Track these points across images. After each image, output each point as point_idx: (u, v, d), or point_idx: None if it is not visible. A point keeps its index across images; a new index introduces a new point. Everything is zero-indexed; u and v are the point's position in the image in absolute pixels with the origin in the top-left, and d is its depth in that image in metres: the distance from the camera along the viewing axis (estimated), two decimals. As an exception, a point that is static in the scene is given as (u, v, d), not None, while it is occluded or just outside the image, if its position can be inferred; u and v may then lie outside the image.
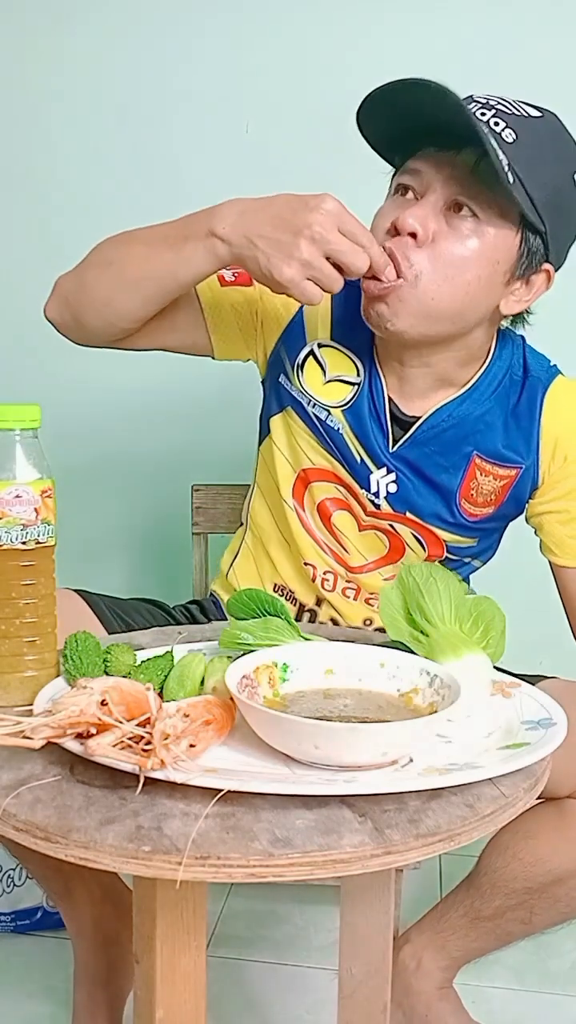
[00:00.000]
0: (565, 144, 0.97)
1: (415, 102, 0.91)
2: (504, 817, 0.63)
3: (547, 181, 0.94)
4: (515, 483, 1.09)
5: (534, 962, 1.38)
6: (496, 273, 0.97)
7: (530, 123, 0.94)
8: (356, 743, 0.63)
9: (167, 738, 0.62)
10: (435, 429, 1.07)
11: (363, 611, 1.15)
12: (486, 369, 1.08)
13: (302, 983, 1.34)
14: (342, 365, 1.09)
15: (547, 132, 0.95)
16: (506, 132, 0.92)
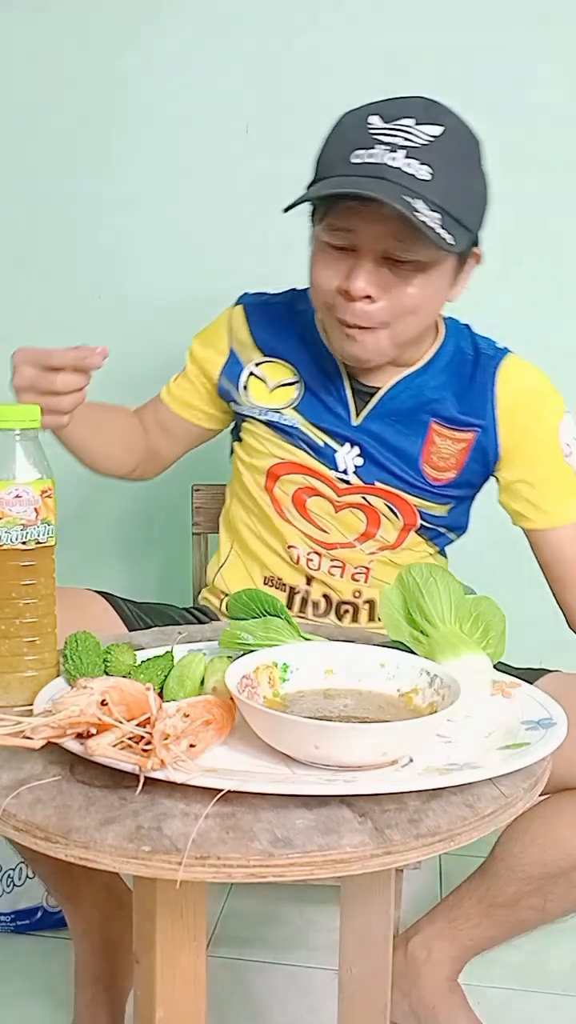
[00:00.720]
0: (468, 146, 1.02)
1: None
2: (504, 817, 0.63)
3: (466, 194, 1.00)
4: (473, 446, 1.15)
5: (534, 962, 1.38)
6: (444, 286, 1.06)
7: (438, 146, 0.97)
8: (356, 743, 0.63)
9: (167, 738, 0.62)
10: (394, 400, 1.15)
11: (351, 585, 1.19)
12: (439, 349, 1.16)
13: (302, 983, 1.34)
14: (280, 373, 1.19)
15: (454, 147, 0.99)
16: (423, 170, 0.95)
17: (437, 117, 0.98)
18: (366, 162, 0.95)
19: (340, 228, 1.00)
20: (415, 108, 0.98)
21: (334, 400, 1.16)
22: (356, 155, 0.96)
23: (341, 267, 1.01)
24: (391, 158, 0.95)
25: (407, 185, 0.94)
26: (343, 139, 0.99)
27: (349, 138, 0.98)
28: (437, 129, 0.97)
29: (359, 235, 0.99)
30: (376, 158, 0.95)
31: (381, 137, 0.96)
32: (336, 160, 0.99)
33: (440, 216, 0.95)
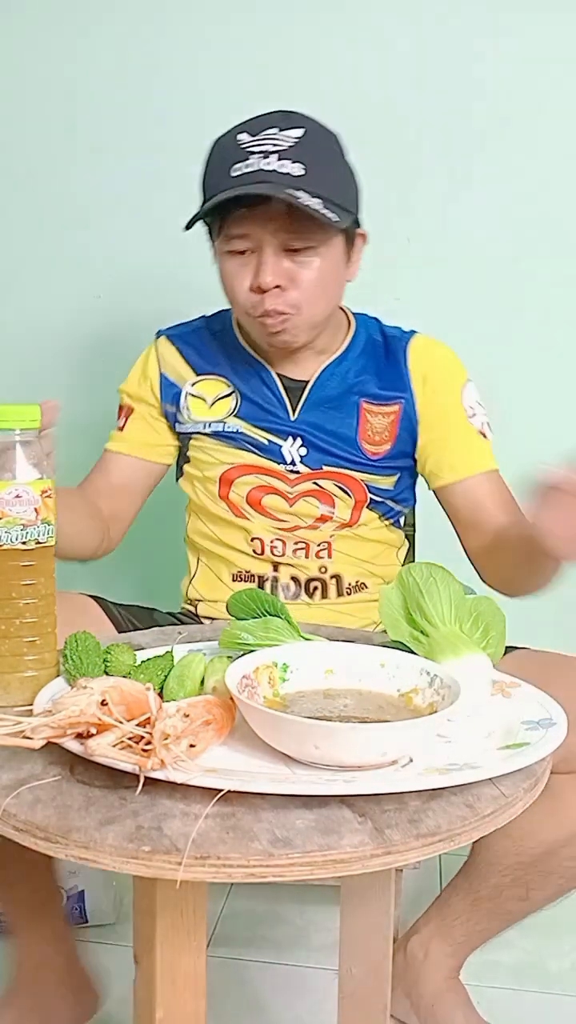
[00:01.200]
0: (329, 141, 1.13)
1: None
2: (504, 817, 0.63)
3: (338, 181, 1.12)
4: (400, 416, 1.24)
5: (534, 962, 1.38)
6: (340, 265, 1.16)
7: (303, 145, 1.08)
8: (356, 743, 0.63)
9: (167, 738, 0.62)
10: (323, 389, 1.24)
11: (317, 562, 1.26)
12: (352, 337, 1.26)
13: (302, 983, 1.34)
14: (215, 387, 1.27)
15: (317, 143, 1.10)
16: (295, 167, 1.06)
17: (296, 122, 1.09)
18: (245, 172, 1.06)
19: (237, 235, 1.10)
20: (275, 119, 1.09)
21: (269, 401, 1.24)
22: (235, 168, 1.07)
23: (248, 270, 1.11)
24: (266, 163, 1.06)
25: (286, 183, 1.05)
26: (220, 159, 1.10)
27: (225, 157, 1.09)
28: (299, 131, 1.08)
29: (255, 235, 1.09)
30: (253, 166, 1.06)
31: (252, 148, 1.07)
32: (218, 178, 1.09)
33: (321, 201, 1.06)
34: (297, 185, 1.05)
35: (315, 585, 1.26)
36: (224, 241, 1.12)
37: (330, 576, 1.26)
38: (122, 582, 1.76)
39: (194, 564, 1.34)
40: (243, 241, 1.11)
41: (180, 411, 1.28)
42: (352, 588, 1.26)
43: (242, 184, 1.06)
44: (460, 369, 1.27)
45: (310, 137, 1.09)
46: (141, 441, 1.30)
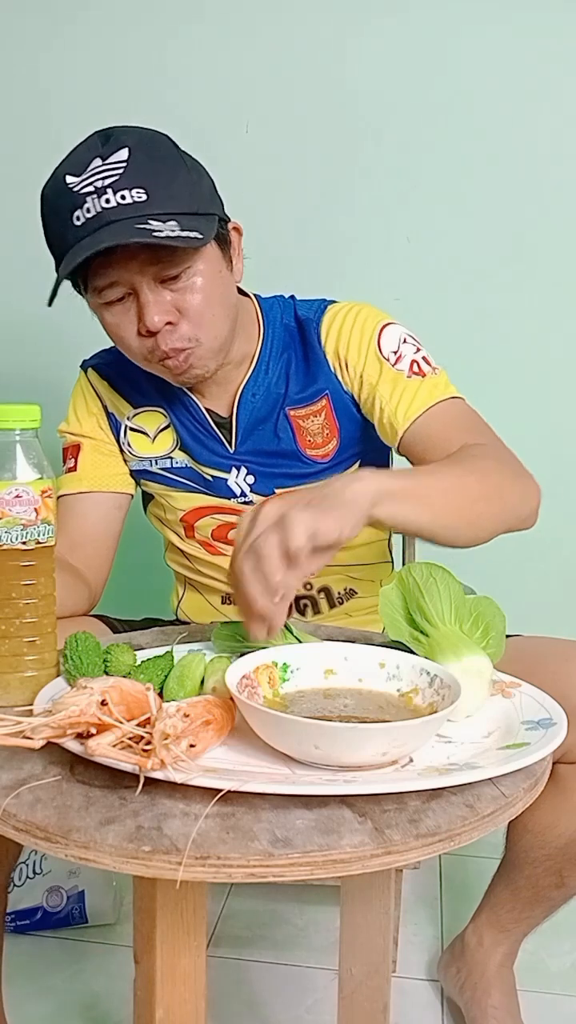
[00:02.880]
0: (158, 147, 1.03)
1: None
2: (504, 817, 0.63)
3: (184, 188, 1.01)
4: (333, 407, 1.17)
5: (534, 962, 1.38)
6: (224, 272, 1.07)
7: (133, 167, 0.98)
8: (356, 743, 0.63)
9: (167, 738, 0.62)
10: (250, 412, 1.17)
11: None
12: (263, 338, 1.18)
13: (302, 983, 1.34)
14: (153, 420, 1.21)
15: (145, 158, 0.99)
16: (136, 193, 0.97)
17: (117, 142, 0.99)
18: (87, 218, 0.98)
19: (105, 285, 1.02)
20: (94, 147, 1.00)
21: (205, 436, 1.19)
22: (76, 216, 0.98)
23: (131, 316, 1.04)
24: (105, 201, 0.97)
25: (132, 215, 0.97)
26: (56, 209, 1.01)
27: (61, 205, 1.00)
28: (123, 153, 0.99)
29: (123, 280, 1.01)
30: (92, 209, 0.97)
31: (84, 189, 0.98)
32: (62, 230, 1.00)
33: (175, 222, 0.98)
34: (143, 213, 0.97)
35: (305, 603, 1.24)
36: (94, 294, 1.04)
37: (318, 591, 1.24)
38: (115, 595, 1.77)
39: (181, 588, 1.33)
40: (114, 289, 1.02)
41: (123, 447, 1.22)
42: (343, 596, 1.25)
43: (88, 232, 0.97)
44: (370, 321, 1.16)
45: (137, 154, 0.99)
46: (100, 474, 1.21)
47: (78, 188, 0.98)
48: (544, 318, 1.75)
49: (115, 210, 0.97)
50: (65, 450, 1.24)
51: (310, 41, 1.70)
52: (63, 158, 1.02)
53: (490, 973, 1.20)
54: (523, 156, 1.70)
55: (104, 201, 0.97)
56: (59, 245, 1.02)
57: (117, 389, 1.22)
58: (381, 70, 1.70)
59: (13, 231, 1.84)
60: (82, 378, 1.26)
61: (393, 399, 1.12)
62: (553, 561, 1.80)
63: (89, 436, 1.22)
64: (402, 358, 1.14)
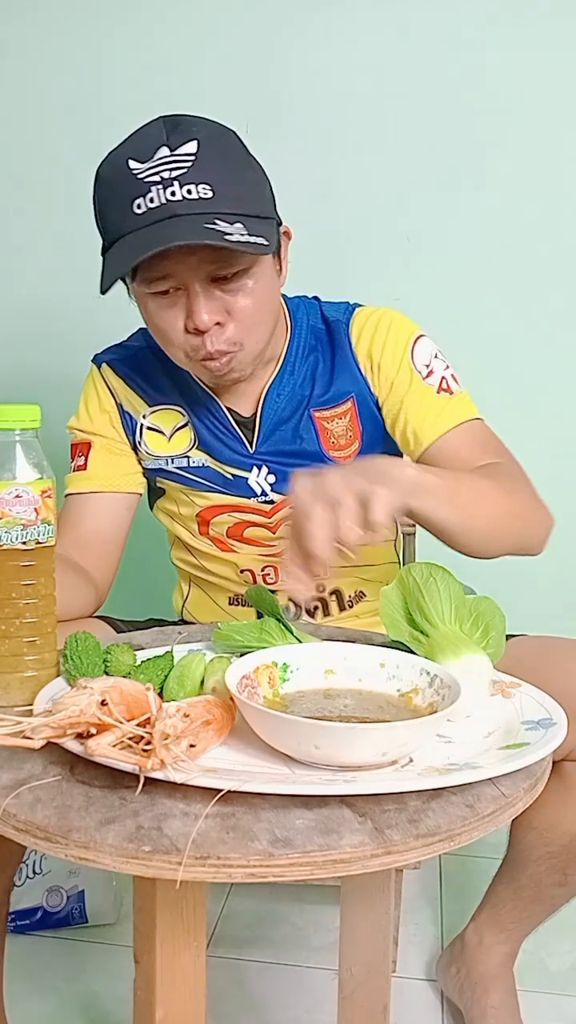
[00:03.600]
0: (226, 142, 1.00)
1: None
2: (504, 817, 0.63)
3: (250, 189, 1.00)
4: (358, 411, 1.17)
5: (534, 962, 1.38)
6: (272, 279, 1.06)
7: (201, 161, 0.95)
8: (356, 743, 0.63)
9: (167, 738, 0.62)
10: (274, 413, 1.16)
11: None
12: (290, 339, 1.17)
13: (302, 983, 1.34)
14: (171, 418, 1.19)
15: (215, 153, 0.97)
16: (202, 189, 0.95)
17: (185, 133, 0.96)
18: (150, 208, 0.95)
19: (157, 278, 0.99)
20: (161, 135, 0.97)
21: (225, 435, 1.17)
22: (137, 204, 0.95)
23: (178, 310, 1.02)
24: (171, 194, 0.94)
25: (199, 211, 0.94)
26: (115, 194, 0.98)
27: (123, 191, 0.97)
28: (192, 145, 0.96)
29: (179, 275, 0.99)
30: (157, 200, 0.94)
31: (149, 178, 0.95)
32: (120, 217, 0.97)
33: (241, 224, 0.96)
34: (210, 211, 0.94)
35: (315, 604, 1.22)
36: (144, 285, 1.01)
37: (329, 593, 1.22)
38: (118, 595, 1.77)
39: (186, 587, 1.31)
40: (165, 281, 1.00)
41: (138, 445, 1.20)
42: (352, 600, 1.24)
43: (148, 222, 0.95)
44: (404, 330, 1.17)
45: (206, 149, 0.96)
46: (110, 474, 1.19)
47: (143, 175, 0.95)
48: (544, 318, 1.75)
49: (181, 204, 0.94)
50: (74, 446, 1.21)
51: (310, 41, 1.70)
52: (124, 140, 1.00)
53: (490, 973, 1.20)
54: (523, 156, 1.70)
55: (170, 193, 0.94)
56: (114, 231, 0.99)
57: (133, 386, 1.20)
58: (381, 70, 1.70)
59: (9, 231, 1.84)
60: (95, 373, 1.23)
61: (420, 413, 1.13)
62: (553, 561, 1.79)
63: (100, 434, 1.20)
64: (433, 373, 1.15)
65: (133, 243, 0.95)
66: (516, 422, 1.78)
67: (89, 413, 1.21)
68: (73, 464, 1.20)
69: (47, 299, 1.84)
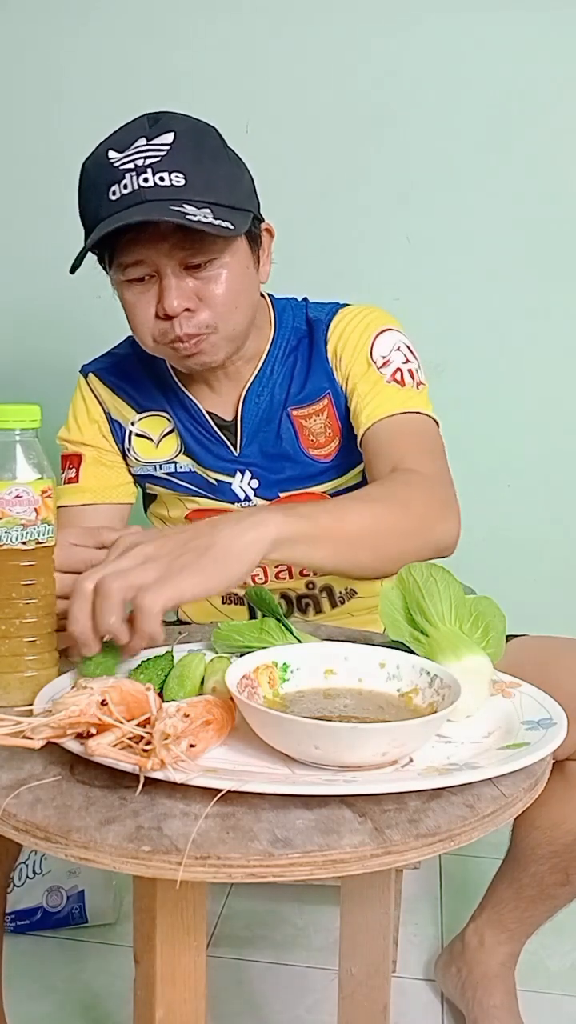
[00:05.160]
0: (204, 137, 1.03)
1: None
2: (504, 817, 0.63)
3: (223, 181, 1.02)
4: (335, 408, 1.17)
5: (534, 962, 1.38)
6: (248, 270, 1.08)
7: (176, 151, 0.99)
8: (356, 743, 0.63)
9: (167, 738, 0.62)
10: (254, 415, 1.17)
11: (302, 580, 1.22)
12: (273, 338, 1.18)
13: (302, 983, 1.34)
14: (157, 424, 1.20)
15: (190, 146, 1.00)
16: (175, 177, 0.98)
17: (164, 126, 1.00)
18: (123, 194, 0.98)
19: (131, 263, 1.02)
20: (140, 128, 1.00)
21: (209, 440, 1.18)
22: (112, 191, 0.99)
23: (150, 297, 1.04)
24: (143, 180, 0.98)
25: (168, 196, 0.97)
26: (95, 183, 1.02)
27: (100, 180, 1.01)
28: (168, 136, 0.99)
29: (150, 260, 1.01)
30: (130, 186, 0.98)
31: (124, 165, 0.99)
32: (97, 204, 1.01)
33: (209, 210, 0.98)
34: (180, 197, 0.98)
35: (307, 602, 1.24)
36: (118, 270, 1.04)
37: (320, 590, 1.23)
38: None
39: None
40: (139, 268, 1.03)
41: (128, 452, 1.21)
42: (343, 596, 1.24)
43: (121, 208, 0.98)
44: (373, 323, 1.17)
45: (182, 140, 1.00)
46: (102, 486, 1.20)
47: (119, 164, 0.99)
48: (544, 317, 1.75)
49: (152, 190, 0.98)
50: (65, 458, 1.22)
51: (310, 41, 1.70)
52: (109, 134, 1.03)
53: (491, 973, 1.19)
54: (524, 156, 1.70)
55: (143, 180, 0.98)
56: (91, 217, 1.02)
57: (120, 393, 1.21)
58: (381, 70, 1.70)
59: (12, 230, 1.84)
60: (82, 384, 1.24)
61: (366, 399, 1.13)
62: (553, 561, 1.80)
63: (91, 445, 1.21)
64: (388, 364, 1.14)
65: (104, 225, 0.98)
66: (515, 421, 1.78)
67: (79, 424, 1.22)
68: (64, 476, 1.21)
69: (47, 298, 1.83)
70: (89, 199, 1.03)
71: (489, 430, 1.73)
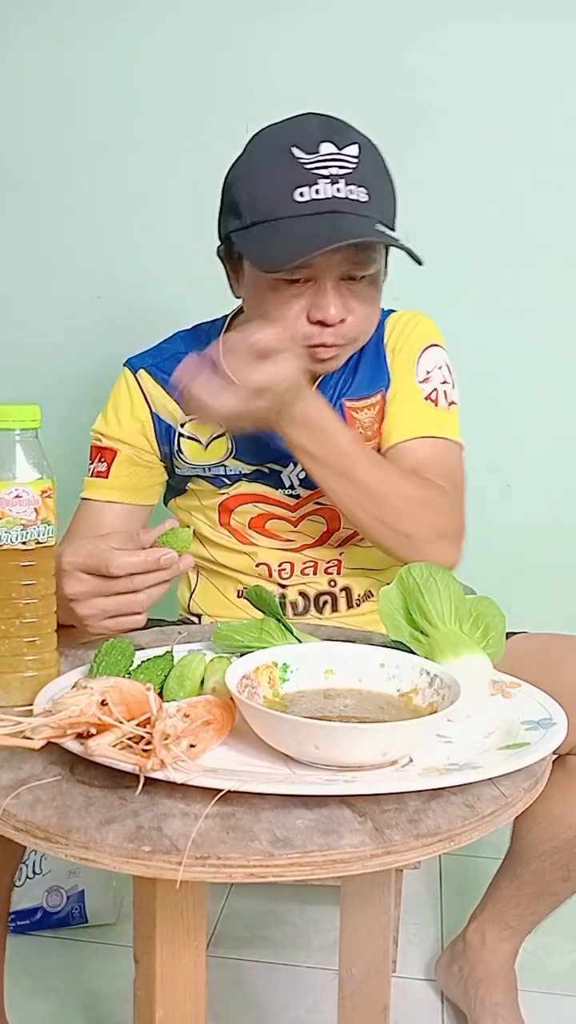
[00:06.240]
0: (378, 154, 1.04)
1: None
2: (504, 817, 0.63)
3: (392, 202, 1.05)
4: (386, 405, 1.18)
5: (534, 962, 1.38)
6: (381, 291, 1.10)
7: (363, 165, 1.00)
8: (356, 743, 0.63)
9: (167, 738, 0.62)
10: None
11: (325, 577, 1.21)
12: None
13: (302, 983, 1.34)
14: (208, 428, 1.17)
15: (372, 161, 1.02)
16: (360, 192, 0.99)
17: (349, 136, 1.00)
18: (314, 199, 0.97)
19: (301, 265, 0.99)
20: (321, 131, 0.99)
21: (264, 434, 1.13)
22: (299, 192, 0.97)
23: (302, 300, 1.03)
24: (336, 190, 0.97)
25: (357, 211, 0.98)
26: (274, 176, 0.99)
27: (283, 175, 0.98)
28: (355, 148, 1.00)
29: (319, 267, 1.00)
30: (323, 193, 0.97)
31: (317, 171, 0.97)
32: (278, 201, 0.98)
33: (385, 227, 1.00)
34: (365, 213, 0.98)
35: (324, 599, 1.22)
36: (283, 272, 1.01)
37: (340, 589, 1.22)
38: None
39: (194, 578, 1.29)
40: (302, 271, 1.00)
41: (173, 454, 1.18)
42: (361, 599, 1.23)
43: (311, 212, 0.97)
44: (426, 333, 1.20)
45: (365, 154, 1.01)
46: (131, 485, 1.18)
47: (310, 166, 0.98)
48: (545, 318, 1.75)
49: (344, 202, 0.97)
50: (96, 449, 1.19)
51: (309, 41, 1.70)
52: (273, 125, 1.03)
53: (493, 971, 1.20)
54: (524, 155, 1.70)
55: (336, 189, 0.97)
56: (265, 212, 1.00)
57: (173, 393, 1.16)
58: (381, 70, 1.69)
59: (12, 230, 1.84)
60: (130, 379, 1.20)
61: (401, 411, 1.16)
62: (553, 561, 1.80)
63: (128, 443, 1.18)
64: (428, 380, 1.17)
65: (299, 230, 0.97)
66: (516, 422, 1.78)
67: (119, 419, 1.18)
68: (93, 468, 1.19)
69: (46, 297, 1.83)
70: (264, 191, 1.00)
71: (489, 430, 1.73)
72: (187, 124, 1.73)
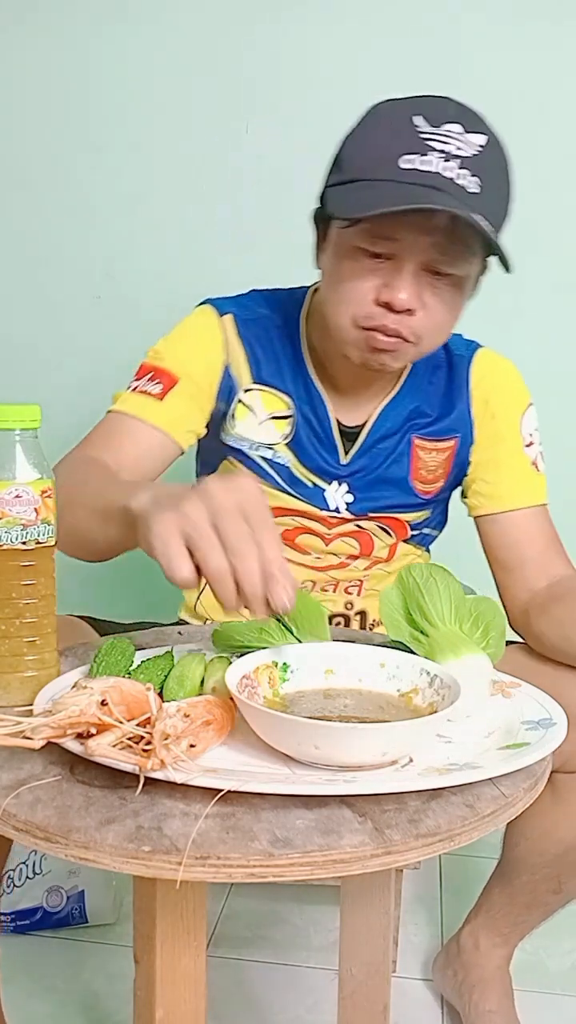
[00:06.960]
0: (505, 157, 0.96)
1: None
2: (504, 817, 0.63)
3: (505, 209, 0.96)
4: (456, 452, 1.15)
5: (534, 962, 1.38)
6: (464, 302, 1.02)
7: (485, 157, 0.92)
8: (356, 743, 0.63)
9: (167, 738, 0.62)
10: (379, 430, 1.13)
11: (344, 598, 1.20)
12: (412, 364, 1.13)
13: (302, 983, 1.34)
14: (273, 403, 1.11)
15: (497, 158, 0.94)
16: (472, 182, 0.90)
17: (479, 125, 0.93)
18: (418, 168, 0.89)
19: (384, 236, 0.92)
20: (455, 112, 0.92)
21: (323, 441, 1.12)
22: (406, 159, 0.89)
23: (377, 276, 0.95)
24: (445, 167, 0.89)
25: (462, 198, 0.89)
26: (387, 138, 0.91)
27: (396, 139, 0.90)
28: (483, 138, 0.92)
29: (403, 244, 0.92)
30: (430, 166, 0.89)
31: (433, 143, 0.89)
32: (382, 162, 0.90)
33: (494, 231, 0.92)
34: (471, 205, 0.89)
35: (337, 621, 1.19)
36: (361, 235, 0.93)
37: (355, 612, 1.20)
38: (120, 595, 1.76)
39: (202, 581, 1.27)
40: (386, 244, 0.92)
41: (226, 417, 1.10)
42: (375, 623, 1.21)
43: (410, 181, 0.88)
44: (523, 392, 1.16)
45: (491, 148, 0.92)
46: (180, 418, 1.08)
47: (426, 136, 0.89)
48: (545, 318, 1.75)
49: (450, 183, 0.89)
50: (156, 370, 1.08)
51: (310, 41, 1.70)
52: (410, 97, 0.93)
53: (487, 976, 1.20)
54: (524, 155, 1.70)
55: (445, 167, 0.89)
56: (365, 167, 0.92)
57: (249, 352, 1.09)
58: (381, 70, 1.69)
59: (12, 230, 1.84)
60: (213, 319, 1.11)
61: (509, 478, 1.13)
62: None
63: (192, 378, 1.08)
64: (532, 445, 1.16)
65: (392, 195, 0.88)
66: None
67: (191, 353, 1.09)
68: (139, 386, 1.08)
69: (46, 297, 1.83)
70: (373, 149, 0.92)
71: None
72: (187, 124, 1.73)
